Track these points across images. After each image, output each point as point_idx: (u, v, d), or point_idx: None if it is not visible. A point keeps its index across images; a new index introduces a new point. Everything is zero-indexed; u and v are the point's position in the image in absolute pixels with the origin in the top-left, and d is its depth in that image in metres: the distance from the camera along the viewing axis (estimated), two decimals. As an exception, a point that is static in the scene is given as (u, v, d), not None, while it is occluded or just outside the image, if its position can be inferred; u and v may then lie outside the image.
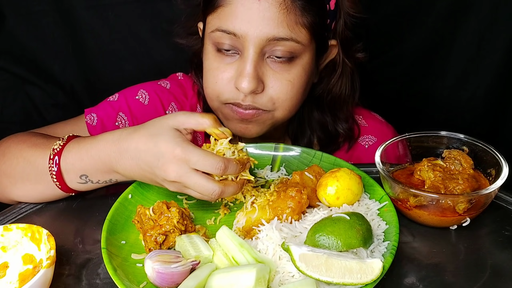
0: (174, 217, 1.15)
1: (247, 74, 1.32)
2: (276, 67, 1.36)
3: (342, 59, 1.50)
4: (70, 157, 1.25)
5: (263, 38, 1.30)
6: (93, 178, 1.26)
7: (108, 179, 1.26)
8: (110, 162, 1.20)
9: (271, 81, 1.36)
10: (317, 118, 1.59)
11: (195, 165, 1.11)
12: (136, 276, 1.07)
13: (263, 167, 1.41)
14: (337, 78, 1.52)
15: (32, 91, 2.04)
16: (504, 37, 1.90)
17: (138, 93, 1.59)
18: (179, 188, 1.16)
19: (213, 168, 1.11)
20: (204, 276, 1.02)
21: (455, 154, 1.28)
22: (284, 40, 1.31)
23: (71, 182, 1.27)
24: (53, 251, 1.04)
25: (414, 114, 2.10)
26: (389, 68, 2.07)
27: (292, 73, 1.37)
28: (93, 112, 1.54)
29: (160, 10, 1.97)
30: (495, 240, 1.19)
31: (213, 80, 1.40)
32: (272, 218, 1.17)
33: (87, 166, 1.24)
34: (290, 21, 1.30)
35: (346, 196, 1.20)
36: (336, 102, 1.57)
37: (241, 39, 1.31)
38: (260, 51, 1.33)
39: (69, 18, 1.98)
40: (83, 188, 1.29)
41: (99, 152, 1.21)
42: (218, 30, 1.34)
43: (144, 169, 1.16)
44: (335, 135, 1.60)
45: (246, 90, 1.33)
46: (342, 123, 1.59)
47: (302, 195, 1.17)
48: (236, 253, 1.07)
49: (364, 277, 0.99)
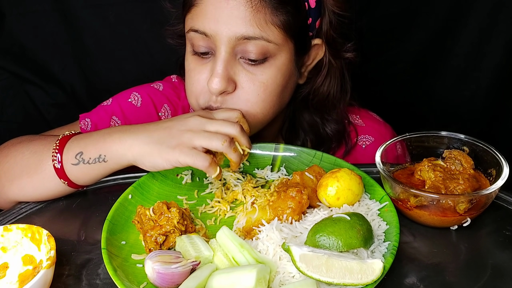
0: (174, 217, 1.15)
1: (216, 74, 1.30)
2: (249, 67, 1.33)
3: (328, 59, 1.47)
4: (78, 138, 1.27)
5: (232, 37, 1.28)
6: (86, 155, 1.24)
7: (97, 155, 1.23)
8: (111, 132, 1.24)
9: (243, 81, 1.34)
10: (307, 120, 1.56)
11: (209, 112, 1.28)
12: (136, 276, 1.07)
13: (263, 167, 1.41)
14: (322, 78, 1.49)
15: (32, 91, 2.04)
16: (504, 37, 1.90)
17: (130, 96, 1.58)
18: (189, 138, 1.20)
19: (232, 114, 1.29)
20: (205, 276, 1.02)
21: (455, 154, 1.28)
22: (254, 39, 1.29)
23: (67, 163, 1.25)
24: (53, 251, 1.04)
25: (414, 114, 2.10)
26: (389, 67, 2.07)
27: (265, 74, 1.34)
28: (87, 117, 1.54)
29: (160, 9, 1.97)
30: (495, 240, 1.19)
31: (190, 82, 1.39)
32: (272, 219, 1.17)
33: (86, 142, 1.25)
34: (259, 20, 1.28)
35: (347, 196, 1.19)
36: (323, 104, 1.53)
37: (212, 39, 1.30)
38: (232, 51, 1.31)
39: (69, 17, 1.98)
40: (75, 173, 1.26)
41: (106, 130, 1.26)
42: (192, 30, 1.34)
43: (157, 125, 1.23)
44: (326, 137, 1.57)
45: (214, 90, 1.31)
46: (331, 124, 1.56)
47: (303, 195, 1.17)
48: (236, 254, 1.07)
49: (365, 278, 0.99)
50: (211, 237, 1.16)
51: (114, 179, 1.40)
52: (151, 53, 2.07)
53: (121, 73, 2.08)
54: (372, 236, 1.09)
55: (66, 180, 1.28)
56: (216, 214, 1.27)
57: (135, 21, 2.01)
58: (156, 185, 1.32)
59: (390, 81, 2.09)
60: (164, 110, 1.60)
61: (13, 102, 2.03)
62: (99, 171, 1.26)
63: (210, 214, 1.27)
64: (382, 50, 2.01)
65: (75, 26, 1.99)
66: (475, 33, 1.93)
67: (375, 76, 2.01)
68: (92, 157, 1.24)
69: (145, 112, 1.58)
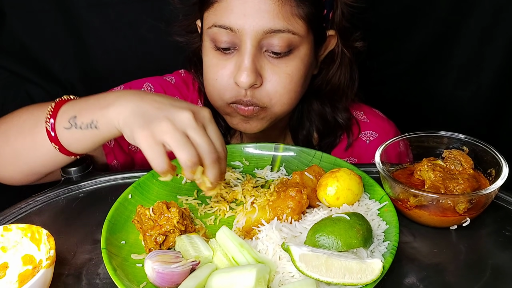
0: (174, 217, 1.15)
1: (245, 68, 1.32)
2: (274, 60, 1.36)
3: (340, 49, 1.50)
4: (74, 101, 1.26)
5: (259, 31, 1.30)
6: (79, 120, 1.20)
7: (90, 120, 1.19)
8: (115, 96, 1.18)
9: (269, 74, 1.36)
10: (316, 109, 1.58)
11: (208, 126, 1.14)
12: (136, 276, 1.07)
13: (263, 167, 1.41)
14: (336, 68, 1.53)
15: (32, 90, 2.04)
16: (506, 38, 1.90)
17: (143, 86, 1.61)
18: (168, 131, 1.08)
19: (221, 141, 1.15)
20: (204, 276, 1.02)
21: (455, 154, 1.28)
22: (280, 32, 1.31)
23: (59, 126, 1.23)
24: (52, 251, 1.04)
25: (415, 113, 2.10)
26: (390, 67, 2.07)
27: (290, 65, 1.37)
28: None
29: (161, 8, 1.97)
30: (495, 240, 1.19)
31: (213, 77, 1.40)
32: (272, 218, 1.17)
33: (84, 106, 1.22)
34: (286, 13, 1.31)
35: (346, 196, 1.19)
36: (335, 93, 1.57)
37: (238, 33, 1.32)
38: (257, 44, 1.33)
39: (70, 16, 1.98)
40: (66, 137, 1.24)
41: (110, 92, 1.24)
42: (215, 26, 1.34)
43: (152, 98, 1.14)
44: (333, 126, 1.60)
45: (244, 84, 1.33)
46: (342, 113, 1.59)
47: (302, 195, 1.17)
48: (236, 253, 1.07)
49: (364, 277, 0.99)
50: (211, 237, 1.16)
51: (114, 179, 1.40)
52: (152, 52, 2.06)
53: (121, 73, 2.07)
54: (372, 236, 1.09)
55: (57, 144, 1.25)
56: (216, 214, 1.27)
57: (136, 20, 2.01)
58: (156, 184, 1.32)
59: (390, 81, 2.09)
60: None
61: (13, 101, 2.02)
62: (91, 138, 1.22)
63: (210, 214, 1.27)
64: (383, 50, 2.01)
65: (76, 25, 1.99)
66: (476, 33, 1.93)
67: (375, 76, 2.00)
68: (85, 122, 1.20)
69: None
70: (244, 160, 1.42)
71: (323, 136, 1.62)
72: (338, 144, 1.64)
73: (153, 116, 1.10)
